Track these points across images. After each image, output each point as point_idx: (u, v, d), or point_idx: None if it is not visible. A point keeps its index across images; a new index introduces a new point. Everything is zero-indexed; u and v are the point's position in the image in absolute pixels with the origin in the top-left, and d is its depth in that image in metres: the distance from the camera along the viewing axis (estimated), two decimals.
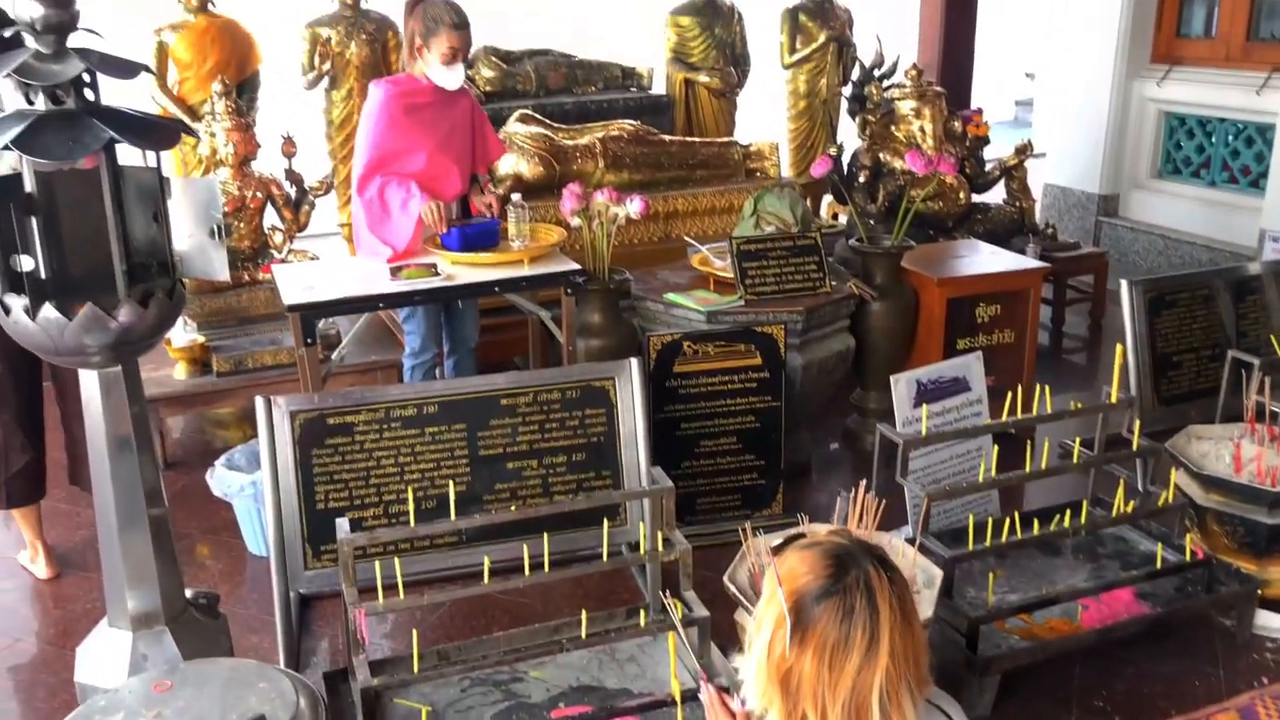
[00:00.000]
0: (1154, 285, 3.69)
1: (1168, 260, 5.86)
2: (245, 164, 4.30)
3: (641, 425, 2.96)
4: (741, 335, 3.32)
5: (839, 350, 3.65)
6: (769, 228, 3.94)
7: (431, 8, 3.42)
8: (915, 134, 4.99)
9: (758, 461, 3.37)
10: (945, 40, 6.31)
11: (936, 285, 3.81)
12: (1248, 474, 2.86)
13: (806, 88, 5.93)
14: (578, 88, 5.41)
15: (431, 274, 3.32)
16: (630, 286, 3.70)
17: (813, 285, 3.61)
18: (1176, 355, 3.70)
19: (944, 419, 3.16)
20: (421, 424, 2.86)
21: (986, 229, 4.99)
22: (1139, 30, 6.11)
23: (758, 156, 5.00)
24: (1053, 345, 5.09)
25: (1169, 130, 6.15)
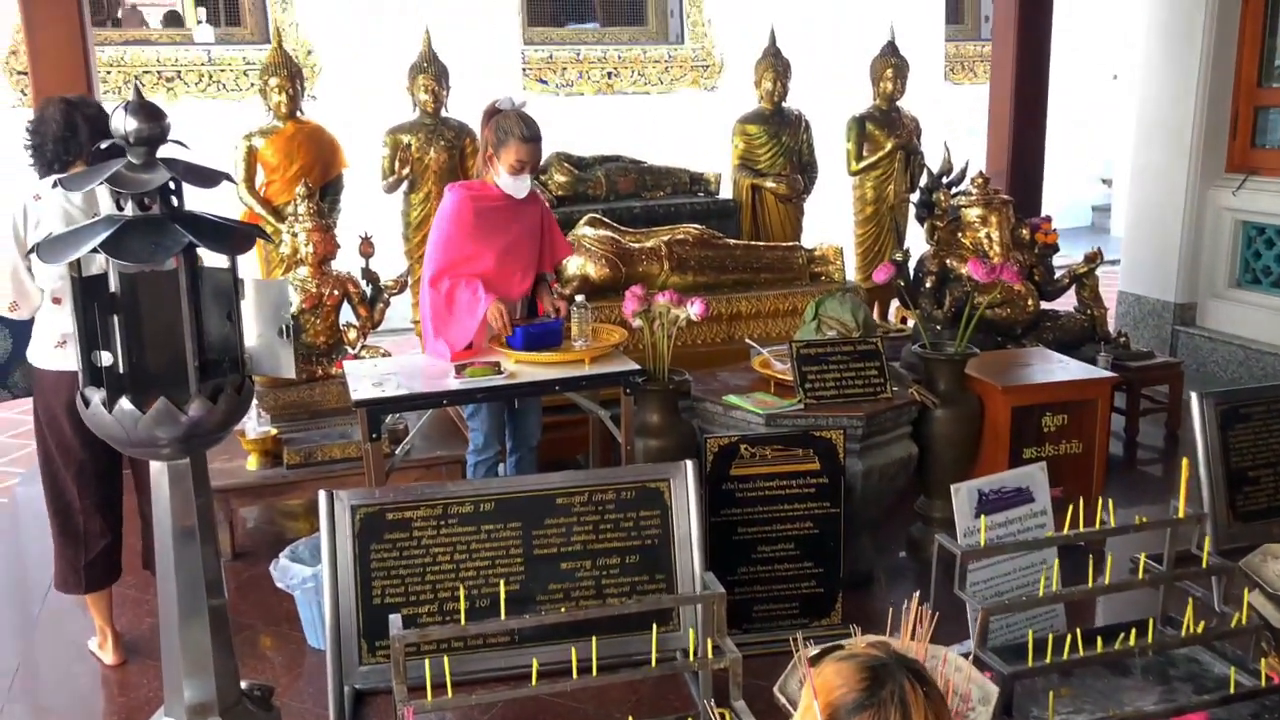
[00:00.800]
0: (1226, 398, 3.60)
1: (1249, 371, 5.72)
2: (324, 263, 4.47)
3: (696, 528, 2.96)
4: (800, 440, 3.31)
5: (901, 457, 3.62)
6: (830, 332, 3.96)
7: (505, 119, 3.57)
8: (982, 241, 4.99)
9: (816, 569, 3.33)
10: (1014, 148, 6.33)
11: (1001, 393, 3.77)
12: None
13: (873, 194, 5.99)
14: (646, 192, 5.54)
15: (495, 372, 3.39)
16: (690, 387, 3.73)
17: (873, 391, 3.60)
18: (1252, 470, 3.58)
19: (1006, 530, 3.10)
20: (478, 521, 2.89)
21: (1056, 337, 4.93)
22: (1212, 139, 6.08)
23: (822, 261, 5.05)
24: (1127, 456, 4.96)
25: (1247, 239, 6.06)
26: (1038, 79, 6.38)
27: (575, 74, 10.34)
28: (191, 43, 9.31)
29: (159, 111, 2.05)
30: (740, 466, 3.28)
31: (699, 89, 10.70)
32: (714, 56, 10.73)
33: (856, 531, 3.58)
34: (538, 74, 10.13)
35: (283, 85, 5.08)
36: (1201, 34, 5.99)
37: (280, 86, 5.08)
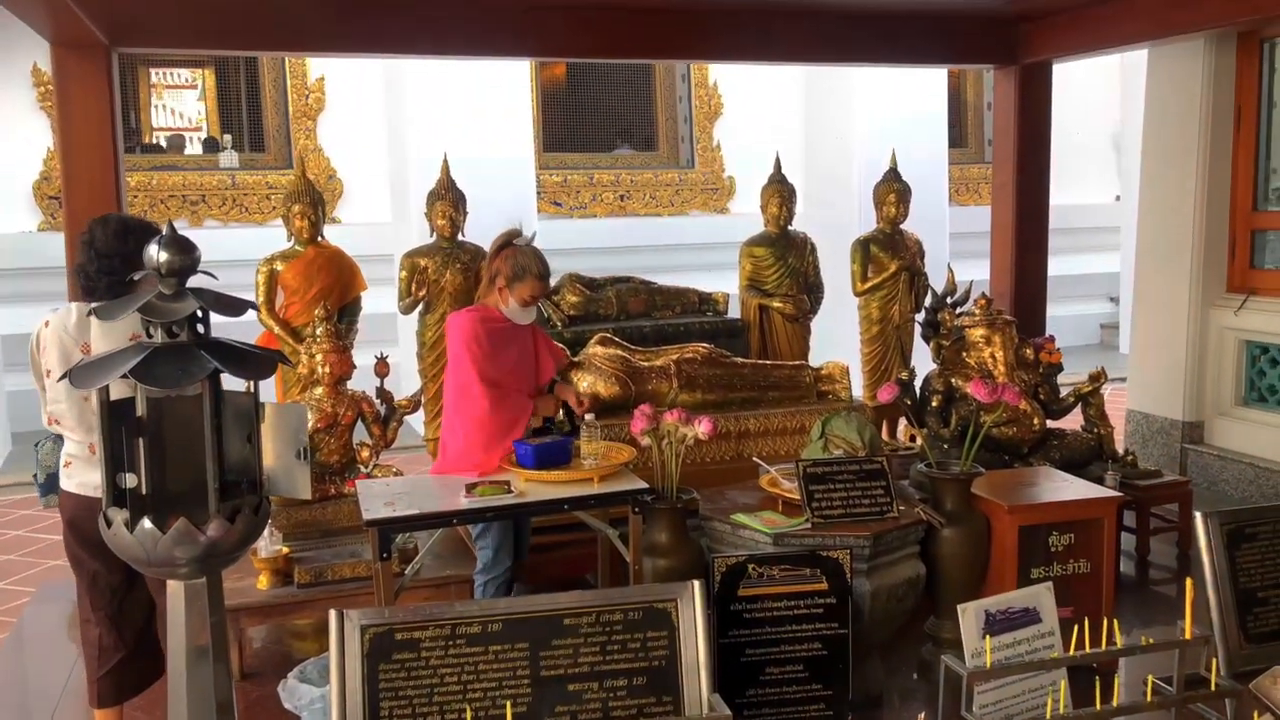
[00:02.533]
0: (1232, 517, 3.62)
1: (1259, 490, 5.71)
2: (340, 383, 4.57)
3: (704, 650, 2.95)
4: (807, 559, 3.33)
5: (909, 577, 3.63)
6: (837, 451, 4.01)
7: (521, 256, 3.77)
8: (986, 360, 5.07)
9: (825, 691, 3.31)
10: (1016, 268, 6.48)
11: (1007, 512, 3.79)
12: None
13: (879, 314, 6.11)
14: (656, 312, 5.68)
15: (505, 491, 3.45)
16: (698, 506, 3.77)
17: (880, 510, 3.64)
18: (1262, 591, 3.57)
19: (1014, 651, 3.09)
20: (486, 642, 2.90)
21: (1063, 455, 4.96)
22: (1212, 260, 6.22)
23: (828, 379, 5.12)
24: (1138, 576, 4.94)
25: (1251, 358, 6.13)
26: (1038, 201, 6.56)
27: (589, 196, 10.65)
28: (216, 168, 9.67)
29: (190, 244, 2.17)
30: (748, 587, 3.30)
31: (709, 211, 11.00)
32: (723, 180, 11.05)
33: (866, 653, 3.57)
34: (552, 196, 10.44)
35: (305, 212, 5.27)
36: (1196, 159, 6.19)
37: (302, 213, 5.27)
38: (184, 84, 10.56)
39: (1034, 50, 6.25)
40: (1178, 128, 6.33)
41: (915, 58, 6.52)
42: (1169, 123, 6.42)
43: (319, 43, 5.43)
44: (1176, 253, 6.31)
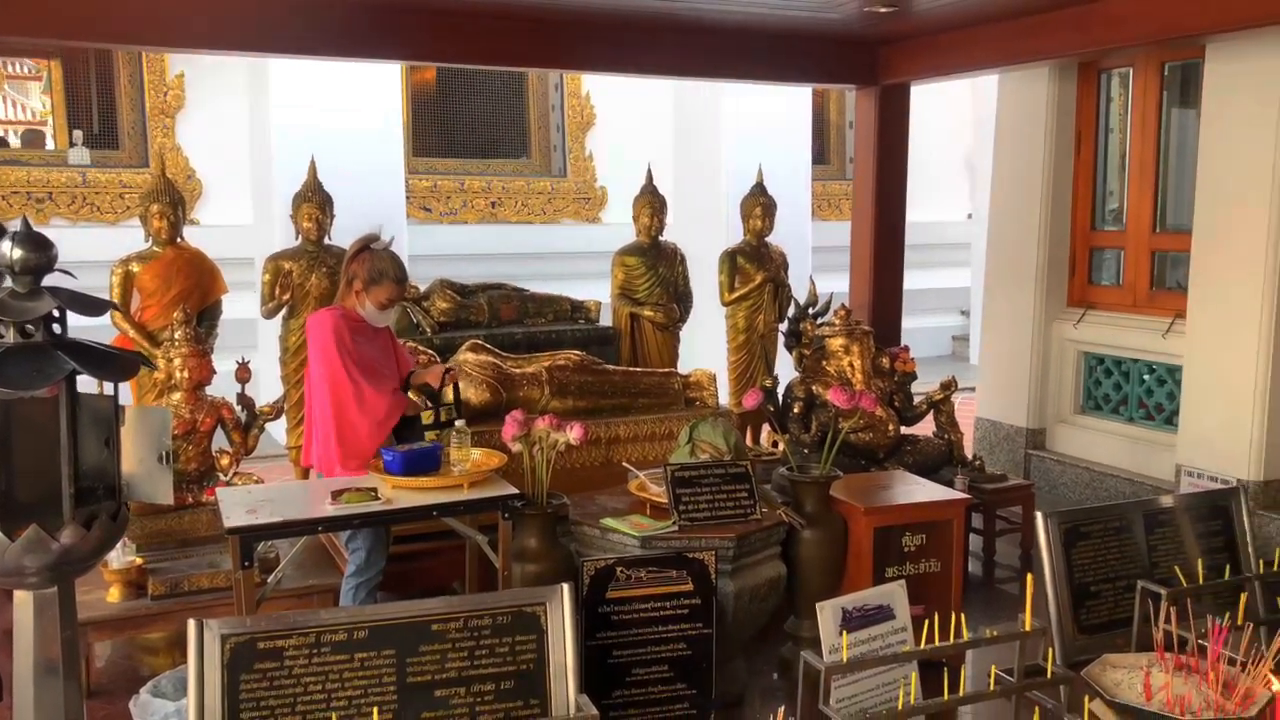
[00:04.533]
0: (1069, 517, 3.86)
1: (1094, 493, 6.09)
2: (199, 388, 4.44)
3: (572, 653, 2.99)
4: (673, 561, 3.41)
5: (771, 577, 3.74)
6: (704, 455, 4.11)
7: (379, 260, 3.80)
8: (845, 369, 5.27)
9: (689, 691, 3.39)
10: (874, 281, 6.73)
11: (864, 514, 3.96)
12: (1157, 702, 2.92)
13: (745, 323, 6.27)
14: (528, 319, 5.70)
15: (372, 498, 3.42)
16: (568, 511, 3.80)
17: (744, 513, 3.75)
18: (1094, 585, 3.82)
19: (870, 646, 3.23)
20: (351, 649, 2.87)
21: (916, 460, 5.19)
22: (1055, 276, 6.60)
23: (696, 386, 5.24)
24: (985, 575, 5.21)
25: (1088, 369, 6.54)
26: (895, 217, 6.84)
27: (460, 203, 10.58)
28: (65, 164, 9.22)
29: (46, 241, 2.10)
30: (616, 589, 3.35)
31: (581, 220, 11.06)
32: (595, 190, 11.13)
33: (729, 652, 3.67)
34: (421, 202, 10.33)
35: (164, 212, 5.10)
36: (1041, 181, 6.56)
37: (161, 213, 5.10)
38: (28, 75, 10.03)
39: (892, 72, 6.53)
40: (1024, 151, 6.71)
41: (780, 75, 6.72)
42: (1016, 146, 6.80)
43: (165, 37, 5.12)
44: (1022, 269, 6.68)
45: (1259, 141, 5.23)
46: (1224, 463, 5.35)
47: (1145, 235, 6.20)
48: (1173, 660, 3.08)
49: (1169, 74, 6.14)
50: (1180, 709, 2.91)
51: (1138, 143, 6.23)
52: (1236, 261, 5.34)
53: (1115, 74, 6.44)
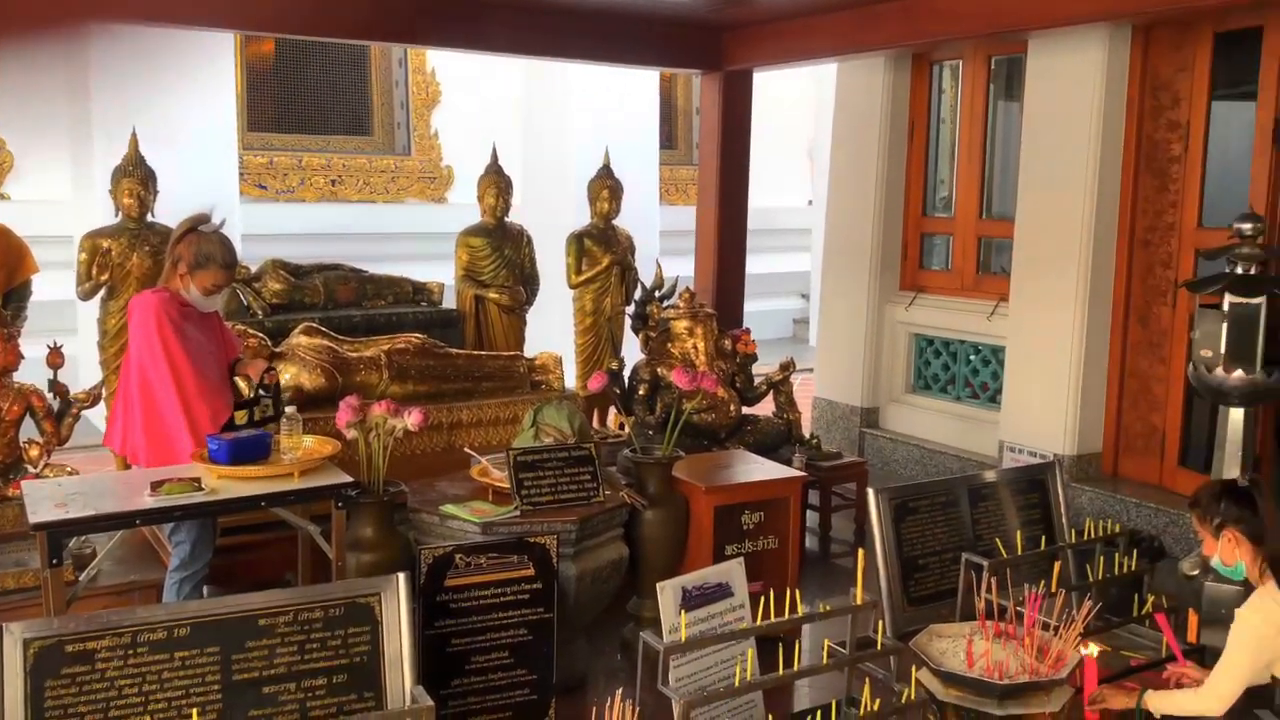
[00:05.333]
0: (898, 493, 4.01)
1: (924, 468, 6.35)
2: (5, 375, 4.14)
3: (408, 643, 2.92)
4: (514, 546, 3.37)
5: (613, 559, 3.75)
6: (547, 439, 4.08)
7: (205, 242, 3.60)
8: (689, 351, 5.33)
9: (530, 676, 3.36)
10: (718, 265, 6.83)
11: (704, 493, 4.01)
12: (979, 669, 3.07)
13: (592, 306, 6.26)
14: (367, 301, 5.53)
15: (194, 489, 3.25)
16: (406, 498, 3.72)
17: (587, 495, 3.74)
18: (922, 558, 3.98)
19: (709, 624, 3.27)
20: (171, 648, 2.72)
21: (756, 439, 5.30)
22: (888, 261, 6.83)
23: (542, 370, 5.20)
24: (822, 550, 5.37)
25: (919, 350, 6.80)
26: (739, 202, 6.95)
27: (297, 180, 10.20)
28: None
29: None
30: (455, 577, 3.29)
31: (426, 200, 10.83)
32: (441, 169, 10.91)
33: (571, 635, 3.66)
34: (256, 179, 9.91)
35: None
36: (876, 169, 6.77)
37: None
38: None
39: (736, 59, 6.62)
40: (861, 139, 6.91)
41: (626, 58, 6.72)
42: (853, 134, 7.00)
43: None
44: (858, 254, 6.89)
45: (1076, 133, 5.53)
46: (1042, 439, 5.66)
47: (972, 222, 6.48)
48: (993, 628, 3.24)
49: (995, 67, 6.42)
50: (999, 674, 3.06)
51: (966, 133, 6.50)
52: (1055, 248, 5.64)
53: (946, 66, 6.69)
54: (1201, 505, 3.18)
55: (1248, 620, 2.98)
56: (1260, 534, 3.05)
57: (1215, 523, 3.12)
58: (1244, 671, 2.97)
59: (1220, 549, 3.12)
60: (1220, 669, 3.01)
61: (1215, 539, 3.13)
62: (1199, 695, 3.04)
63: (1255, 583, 3.06)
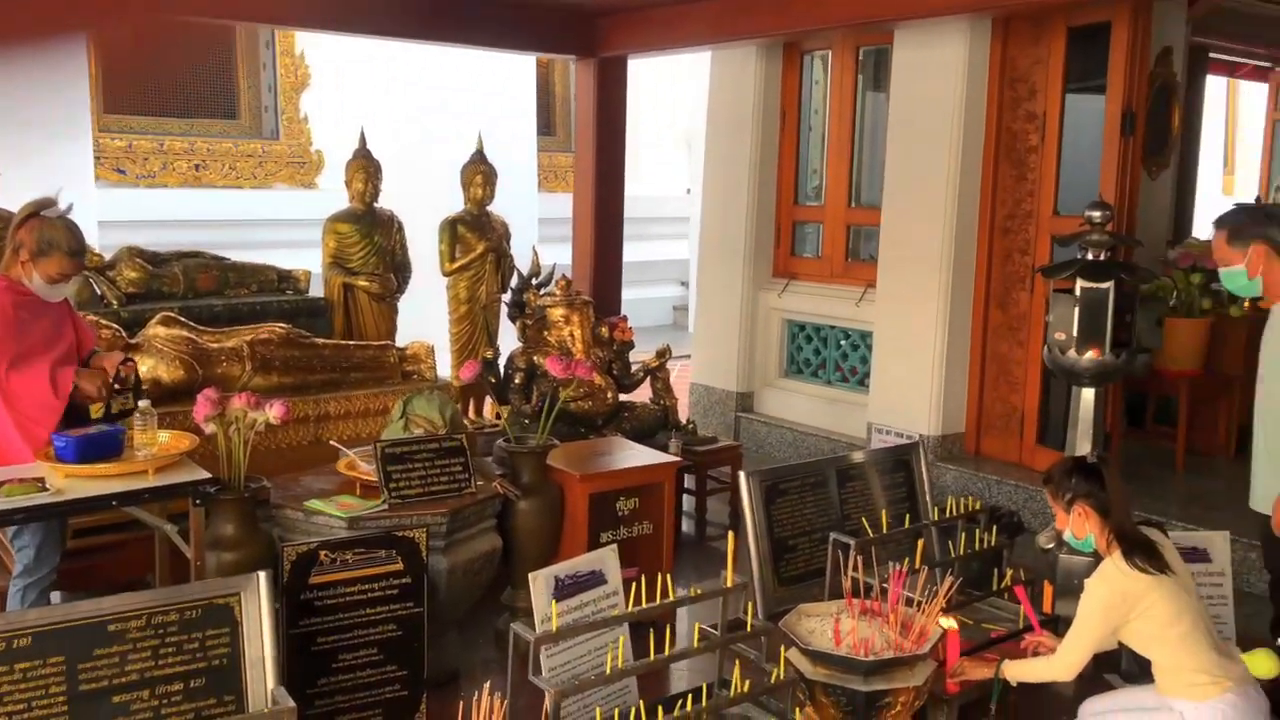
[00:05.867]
0: (769, 475, 4.07)
1: (797, 451, 6.47)
2: None
3: (269, 643, 2.83)
4: (381, 541, 3.29)
5: (486, 551, 3.71)
6: (418, 430, 4.01)
7: (49, 228, 3.41)
8: (566, 339, 5.30)
9: (400, 672, 3.30)
10: (596, 252, 6.81)
11: (579, 481, 4.00)
12: (846, 646, 3.14)
13: (467, 294, 6.17)
14: (229, 290, 5.34)
15: (38, 489, 3.07)
16: (269, 494, 3.60)
17: (458, 487, 3.68)
18: (793, 539, 4.05)
19: (582, 613, 3.26)
20: (10, 660, 2.57)
21: (633, 426, 5.31)
22: (762, 248, 6.93)
23: (413, 359, 5.10)
24: (698, 533, 5.42)
25: (791, 335, 6.93)
26: (615, 189, 6.94)
27: (159, 165, 9.76)
28: None
29: None
30: (320, 574, 3.20)
31: (296, 185, 10.50)
32: (311, 154, 10.59)
33: (443, 629, 3.60)
34: (114, 163, 9.45)
35: None
36: (749, 157, 6.85)
37: None
38: None
39: (610, 44, 6.60)
40: (734, 128, 6.98)
41: (500, 42, 6.63)
42: (727, 123, 7.06)
43: None
44: (732, 241, 6.97)
45: (939, 124, 5.70)
46: (909, 420, 5.83)
47: (842, 210, 6.62)
48: (859, 606, 3.31)
49: (863, 58, 6.56)
50: (865, 651, 3.13)
51: (835, 123, 6.63)
52: (919, 236, 5.81)
53: (816, 56, 6.81)
54: (1054, 481, 3.30)
55: (1096, 590, 3.12)
56: (1108, 507, 3.19)
57: (1066, 498, 3.24)
58: (1092, 639, 3.11)
59: (1071, 522, 3.24)
60: (1070, 637, 3.14)
61: (1067, 513, 3.25)
62: (1051, 663, 3.17)
63: (1103, 554, 3.20)
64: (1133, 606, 3.05)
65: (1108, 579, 3.11)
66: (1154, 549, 3.13)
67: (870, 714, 3.08)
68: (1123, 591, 3.07)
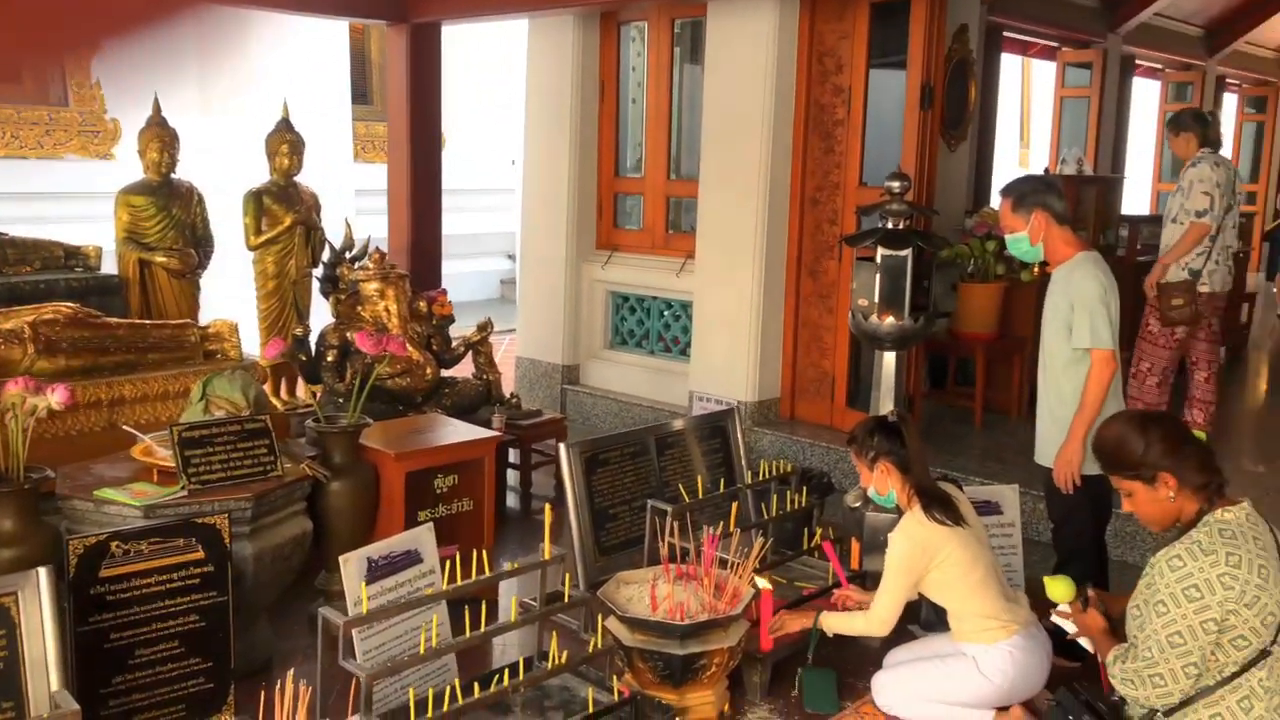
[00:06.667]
0: (588, 446, 4.08)
1: (622, 421, 6.52)
2: None
3: (53, 643, 2.65)
4: (179, 529, 3.13)
5: (295, 535, 3.57)
6: (219, 412, 3.82)
7: None
8: (381, 314, 5.15)
9: (204, 664, 3.14)
10: (413, 224, 6.66)
11: (394, 459, 3.90)
12: (662, 612, 3.19)
13: (275, 269, 5.92)
14: (9, 267, 4.96)
15: None
16: (54, 485, 3.35)
17: (263, 470, 3.53)
18: (613, 508, 4.08)
19: (398, 593, 3.19)
20: None
21: (455, 402, 5.21)
22: (584, 219, 6.92)
23: (217, 338, 4.85)
24: (523, 508, 5.39)
25: (615, 306, 6.96)
26: (431, 159, 6.79)
27: None
28: None
29: None
30: (111, 566, 3.01)
31: (88, 155, 9.81)
32: (105, 122, 9.92)
33: (252, 618, 3.46)
34: None
35: None
36: (569, 128, 6.81)
37: None
38: None
39: (422, 10, 6.42)
40: (553, 99, 6.92)
41: (307, 6, 6.35)
42: (546, 94, 6.99)
43: None
44: (555, 213, 6.93)
45: (751, 97, 5.80)
46: (727, 387, 5.96)
47: (661, 182, 6.67)
48: (675, 571, 3.37)
49: (679, 30, 6.61)
50: (680, 615, 3.19)
51: (653, 94, 6.66)
52: (734, 207, 5.92)
53: (633, 27, 6.81)
54: (857, 440, 3.43)
55: (898, 544, 3.26)
56: (908, 464, 3.34)
57: (870, 456, 3.38)
58: (901, 591, 3.25)
59: (874, 480, 3.38)
60: (880, 593, 3.28)
61: (870, 471, 3.39)
62: (868, 618, 3.29)
63: (904, 508, 3.36)
64: (932, 557, 3.21)
65: (908, 533, 3.27)
66: (950, 502, 3.31)
67: (686, 676, 3.15)
68: (923, 543, 3.23)
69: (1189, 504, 2.52)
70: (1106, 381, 3.47)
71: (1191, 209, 5.18)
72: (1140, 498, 2.59)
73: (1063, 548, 3.69)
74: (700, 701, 3.20)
